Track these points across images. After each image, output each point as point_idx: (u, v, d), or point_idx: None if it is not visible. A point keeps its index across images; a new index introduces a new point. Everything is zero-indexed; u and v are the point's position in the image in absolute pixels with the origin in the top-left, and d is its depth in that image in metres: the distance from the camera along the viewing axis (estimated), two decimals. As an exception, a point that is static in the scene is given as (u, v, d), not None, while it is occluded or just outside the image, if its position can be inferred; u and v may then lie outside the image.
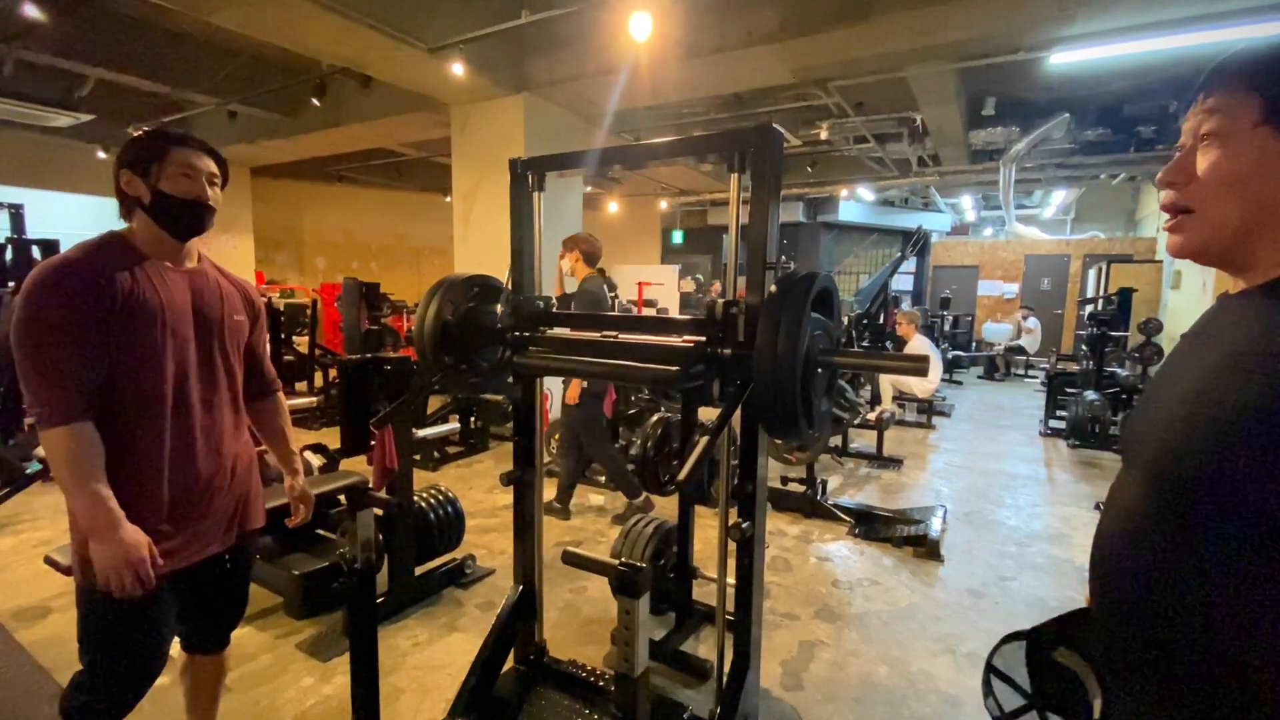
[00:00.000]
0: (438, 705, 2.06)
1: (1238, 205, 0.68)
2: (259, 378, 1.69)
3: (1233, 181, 0.68)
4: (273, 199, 10.49)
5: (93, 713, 1.37)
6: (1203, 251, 0.73)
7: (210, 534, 1.46)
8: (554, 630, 2.50)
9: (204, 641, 1.64)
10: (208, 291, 1.48)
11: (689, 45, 4.43)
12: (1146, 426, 0.74)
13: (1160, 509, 0.67)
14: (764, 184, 1.53)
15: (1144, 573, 0.69)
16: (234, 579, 1.62)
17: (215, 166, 1.46)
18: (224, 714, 2.00)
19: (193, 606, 1.56)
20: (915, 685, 2.28)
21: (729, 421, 1.43)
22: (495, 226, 5.55)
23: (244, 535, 1.57)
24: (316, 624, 2.55)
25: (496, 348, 1.90)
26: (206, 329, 1.46)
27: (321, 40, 4.46)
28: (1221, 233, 0.70)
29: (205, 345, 1.45)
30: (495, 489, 4.26)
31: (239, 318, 1.56)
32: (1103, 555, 0.77)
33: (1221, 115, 0.69)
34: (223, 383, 1.50)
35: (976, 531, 3.73)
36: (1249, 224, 0.68)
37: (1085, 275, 11.70)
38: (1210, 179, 0.69)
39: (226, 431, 1.50)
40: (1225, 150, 0.69)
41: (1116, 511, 0.76)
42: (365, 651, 1.51)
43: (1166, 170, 0.74)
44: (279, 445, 1.75)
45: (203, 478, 1.42)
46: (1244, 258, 0.71)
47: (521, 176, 1.92)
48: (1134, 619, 0.71)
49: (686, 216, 13.39)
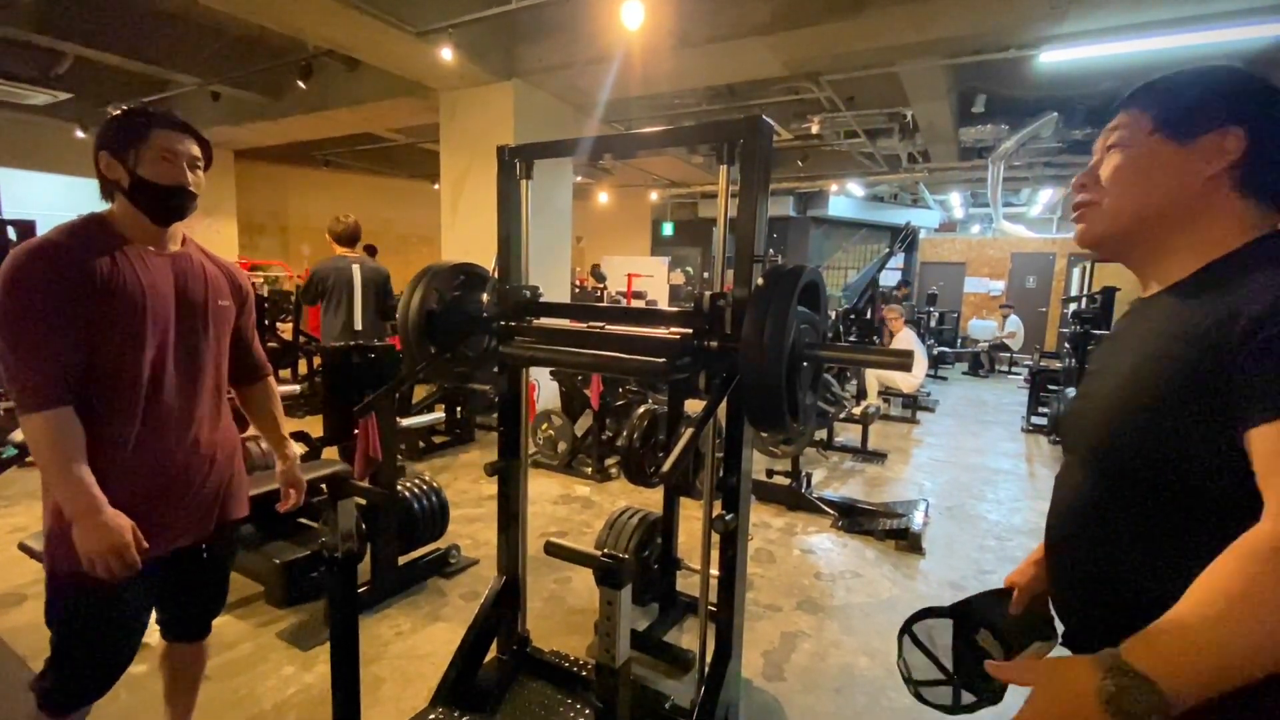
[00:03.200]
0: (420, 694, 2.06)
1: (1133, 198, 0.80)
2: (248, 362, 1.67)
3: (1129, 177, 0.80)
4: (257, 183, 10.32)
5: (65, 696, 1.35)
6: (1103, 240, 0.84)
7: (185, 523, 1.43)
8: (538, 620, 2.50)
9: (184, 630, 1.62)
10: (192, 276, 1.44)
11: (681, 34, 4.40)
12: (1083, 419, 0.84)
13: (1106, 489, 0.77)
14: (753, 176, 1.52)
15: (1099, 548, 0.77)
16: (213, 569, 1.59)
17: (197, 149, 1.42)
18: (204, 702, 1.99)
19: (172, 595, 1.55)
20: (894, 676, 2.29)
21: (714, 414, 1.43)
22: (484, 214, 5.50)
23: (224, 525, 1.54)
24: (298, 613, 2.54)
25: (482, 337, 1.88)
26: (190, 314, 1.42)
27: (307, 21, 4.38)
28: (1118, 222, 0.82)
29: (187, 331, 1.42)
30: (481, 479, 4.25)
31: (224, 303, 1.52)
32: (1058, 538, 0.86)
33: (1122, 130, 0.83)
34: (205, 369, 1.46)
35: (958, 525, 3.78)
36: (1144, 217, 0.80)
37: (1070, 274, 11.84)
38: (1111, 177, 0.82)
39: (206, 419, 1.46)
40: (1125, 154, 0.82)
41: (1064, 495, 0.85)
42: (345, 641, 1.50)
43: (1079, 176, 0.87)
44: (270, 430, 1.73)
45: (178, 465, 1.40)
46: (1145, 256, 0.83)
47: (509, 164, 1.90)
48: (1096, 593, 0.78)
49: (677, 208, 13.36)
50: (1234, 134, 0.74)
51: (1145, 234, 0.80)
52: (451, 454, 4.87)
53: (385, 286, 4.16)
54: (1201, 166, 0.76)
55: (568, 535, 3.48)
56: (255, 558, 2.67)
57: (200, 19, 5.68)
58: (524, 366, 2.01)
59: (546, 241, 5.63)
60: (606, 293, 8.81)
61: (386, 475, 2.65)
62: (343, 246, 4.06)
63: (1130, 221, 0.81)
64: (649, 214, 13.37)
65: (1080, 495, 0.82)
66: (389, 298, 4.15)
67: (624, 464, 2.64)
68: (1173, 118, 0.78)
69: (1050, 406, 6.03)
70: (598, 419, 4.41)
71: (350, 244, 4.09)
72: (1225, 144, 0.75)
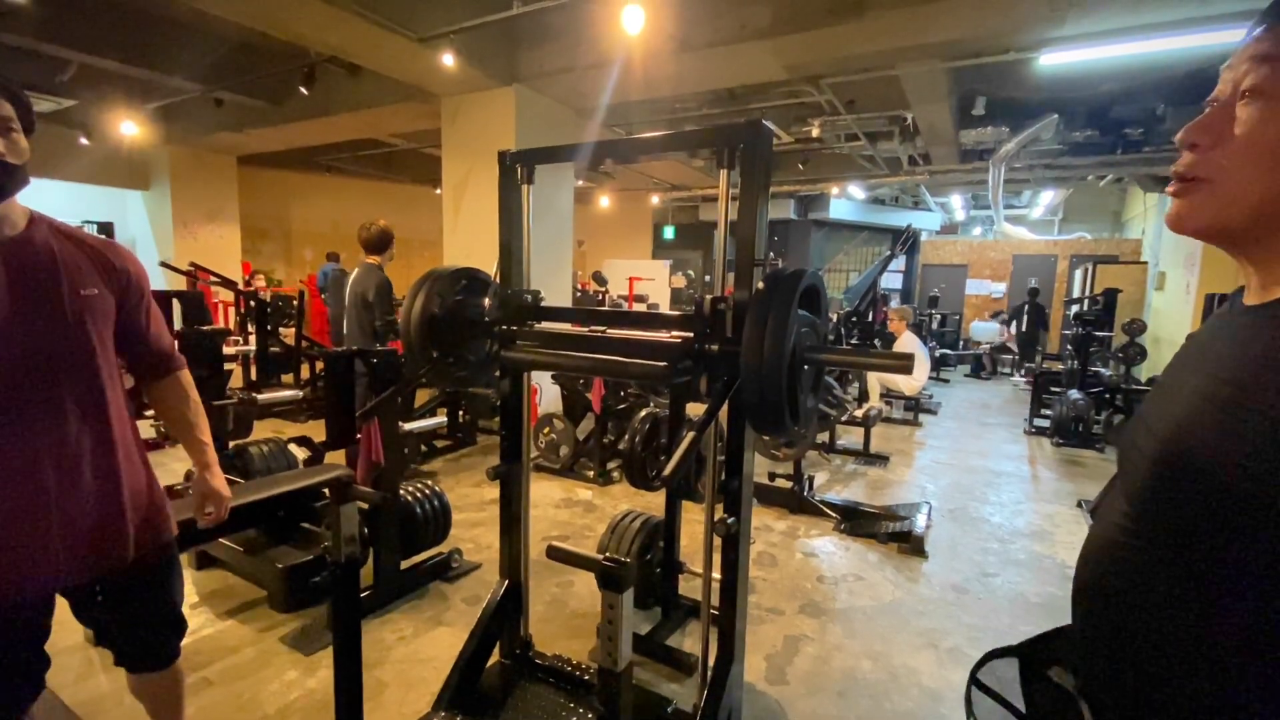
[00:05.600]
0: (422, 699, 2.06)
1: (1263, 182, 0.56)
2: (145, 356, 1.43)
3: (1265, 151, 0.55)
4: (260, 188, 10.37)
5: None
6: (1208, 229, 0.61)
7: (47, 565, 1.22)
8: (540, 624, 2.50)
9: (138, 663, 1.49)
10: (35, 265, 1.21)
11: (682, 39, 4.42)
12: (1135, 448, 0.66)
13: (1147, 534, 0.61)
14: (753, 180, 1.53)
15: (1127, 596, 0.63)
16: (141, 601, 1.42)
17: (9, 107, 1.16)
18: (208, 706, 2.00)
19: (106, 630, 1.44)
20: (898, 679, 2.30)
21: (715, 417, 1.43)
22: (485, 219, 5.52)
23: (116, 563, 1.31)
24: (300, 617, 2.54)
25: (484, 341, 1.89)
26: (34, 314, 1.19)
27: (309, 27, 4.40)
28: (1236, 211, 0.58)
29: (30, 334, 1.19)
30: (483, 483, 4.25)
31: (90, 291, 1.27)
32: (1087, 573, 0.70)
33: (1274, 66, 0.55)
34: (66, 377, 1.23)
35: (961, 528, 3.77)
36: (1269, 206, 0.56)
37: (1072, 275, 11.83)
38: (1242, 143, 0.56)
39: (71, 438, 1.23)
40: (1270, 111, 0.55)
41: (1103, 524, 0.69)
42: (348, 645, 1.51)
43: (1191, 128, 0.61)
44: (182, 433, 1.51)
45: (23, 497, 1.18)
46: (1261, 250, 0.60)
47: (510, 169, 1.91)
48: (1117, 645, 0.65)
49: (678, 212, 13.39)
50: None
51: (1263, 228, 0.58)
52: (453, 458, 4.87)
53: (377, 293, 3.89)
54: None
55: (570, 539, 3.48)
56: (257, 563, 2.67)
57: (203, 26, 5.71)
58: (525, 370, 2.01)
59: (548, 245, 5.64)
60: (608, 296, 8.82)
61: (389, 479, 2.65)
62: (369, 254, 3.97)
63: (1252, 216, 0.58)
64: (650, 217, 13.39)
65: (1119, 530, 0.66)
66: (378, 305, 3.90)
67: (626, 467, 2.64)
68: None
69: (1053, 409, 6.01)
70: (599, 423, 4.41)
71: (375, 251, 3.96)
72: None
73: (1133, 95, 6.27)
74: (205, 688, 2.09)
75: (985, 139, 6.84)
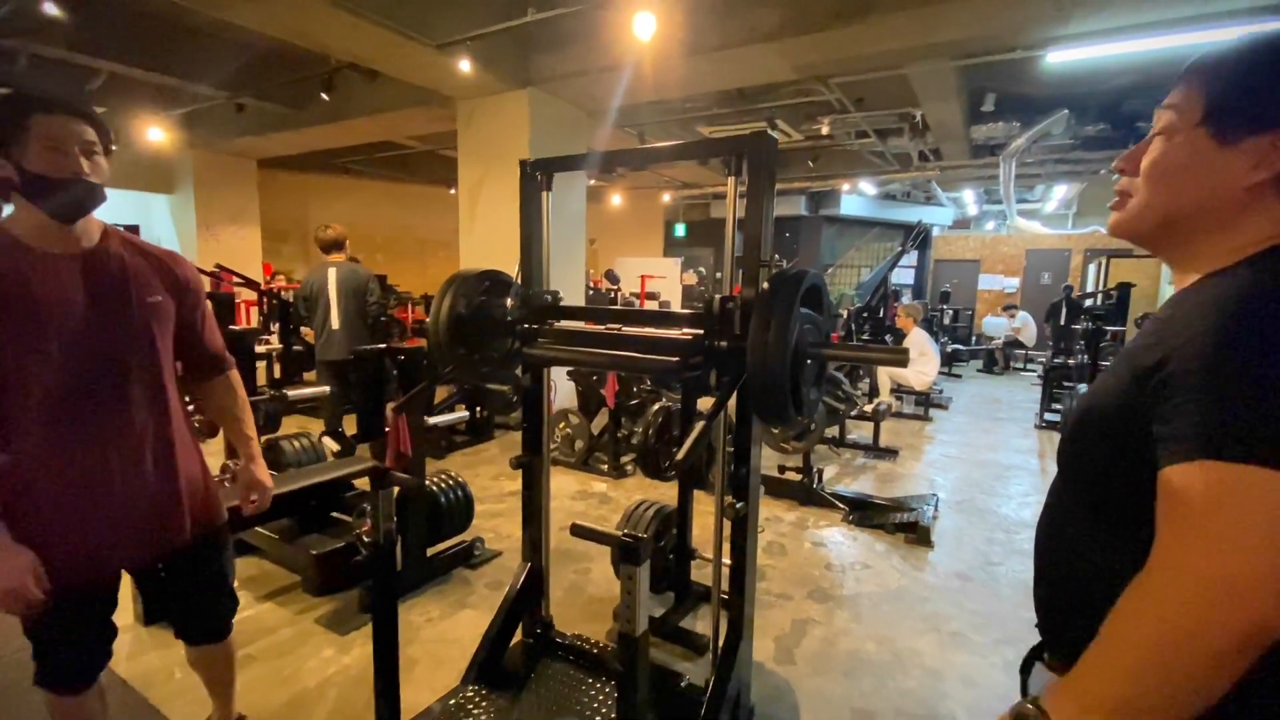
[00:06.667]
0: (451, 675, 2.19)
1: (1163, 196, 0.73)
2: (200, 358, 1.56)
3: (1161, 174, 0.73)
4: (279, 191, 10.60)
5: (45, 681, 1.41)
6: (1133, 233, 0.79)
7: (124, 544, 1.37)
8: (558, 608, 2.63)
9: (195, 636, 1.64)
10: (108, 275, 1.33)
11: (691, 43, 4.51)
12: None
13: (1066, 489, 0.80)
14: (759, 186, 1.63)
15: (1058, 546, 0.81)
16: (197, 580, 1.56)
17: (92, 132, 1.28)
18: (252, 680, 2.15)
19: (169, 605, 1.58)
20: (901, 660, 2.40)
21: (724, 407, 1.54)
22: (500, 219, 5.65)
23: (176, 544, 1.46)
24: (333, 601, 2.68)
25: (506, 339, 2.01)
26: (108, 319, 1.32)
27: (332, 37, 4.55)
28: (1148, 219, 0.75)
29: (105, 338, 1.31)
30: (501, 476, 4.39)
31: (155, 299, 1.40)
32: (1038, 532, 0.89)
33: (1174, 111, 0.73)
34: (132, 377, 1.35)
35: (968, 519, 3.85)
36: (1173, 217, 0.73)
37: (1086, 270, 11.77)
38: (1147, 170, 0.74)
39: (137, 431, 1.37)
40: (1165, 144, 0.73)
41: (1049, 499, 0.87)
42: (386, 616, 1.64)
43: (1121, 158, 0.80)
44: (230, 427, 1.64)
45: (98, 486, 1.31)
46: (1176, 250, 0.76)
47: (532, 176, 2.03)
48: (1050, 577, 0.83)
49: (689, 209, 13.46)
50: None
51: (1174, 234, 0.74)
52: (471, 453, 5.02)
53: (366, 289, 4.32)
54: (1244, 173, 0.67)
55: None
56: (292, 550, 2.82)
57: (227, 35, 5.89)
58: (546, 366, 2.13)
59: (561, 244, 5.73)
60: (620, 294, 8.93)
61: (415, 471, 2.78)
62: (326, 253, 4.34)
63: (1160, 220, 0.74)
64: (661, 215, 13.47)
65: (1054, 486, 0.85)
66: (370, 300, 4.31)
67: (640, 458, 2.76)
68: (1222, 110, 0.68)
69: (1063, 403, 6.05)
70: (613, 418, 4.53)
71: (330, 251, 4.35)
72: (1276, 149, 0.65)
73: (1144, 89, 6.27)
74: (249, 663, 2.24)
75: (996, 134, 6.86)
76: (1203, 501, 0.57)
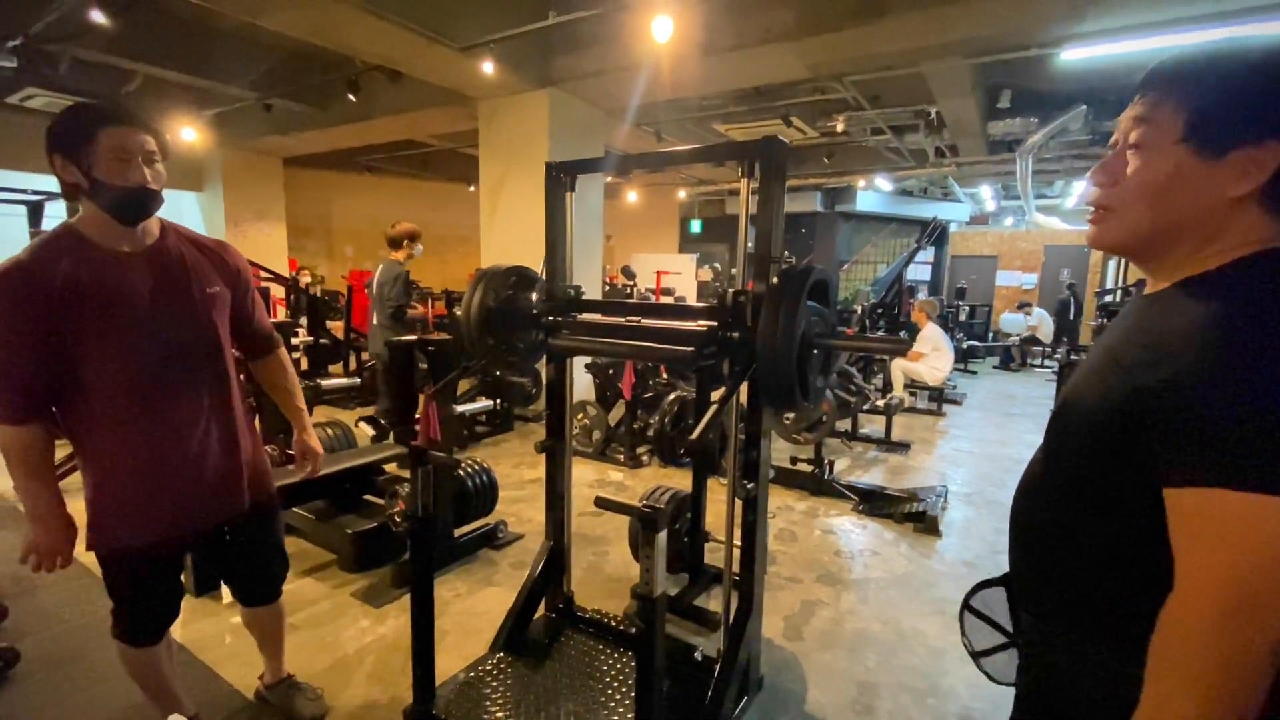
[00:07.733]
0: (479, 645, 2.34)
1: (1150, 214, 0.74)
2: (253, 338, 1.71)
3: (1148, 192, 0.74)
4: (304, 188, 10.87)
5: (122, 633, 1.57)
6: (1117, 248, 0.81)
7: (193, 510, 1.52)
8: (578, 587, 2.76)
9: (249, 597, 1.81)
10: (171, 268, 1.45)
11: (708, 43, 4.61)
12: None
13: (1050, 459, 0.86)
14: (770, 188, 1.75)
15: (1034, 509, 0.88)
16: (252, 545, 1.72)
17: (153, 142, 1.38)
18: (298, 645, 2.32)
19: (228, 569, 1.76)
20: (905, 640, 2.51)
21: (735, 393, 1.66)
22: (521, 216, 5.80)
23: (236, 511, 1.61)
24: (368, 577, 2.85)
25: (532, 331, 2.15)
26: (174, 310, 1.43)
27: (359, 40, 4.72)
28: (1134, 235, 0.77)
29: (172, 326, 1.43)
30: (521, 464, 4.54)
31: (214, 289, 1.51)
32: (1016, 493, 0.96)
33: (1148, 126, 0.73)
34: (199, 363, 1.48)
35: (976, 510, 3.93)
36: (1159, 231, 0.75)
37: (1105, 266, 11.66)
38: (1131, 186, 0.75)
39: (204, 412, 1.50)
40: (1145, 160, 0.73)
41: (1031, 464, 0.93)
42: (423, 583, 1.78)
43: (1096, 170, 0.80)
44: (284, 400, 1.80)
45: (172, 461, 1.45)
46: (1155, 259, 0.79)
47: (556, 178, 2.16)
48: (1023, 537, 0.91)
49: (704, 206, 13.53)
50: (1272, 148, 0.66)
51: (1155, 246, 0.77)
52: (492, 442, 5.18)
53: (394, 284, 4.40)
54: (1230, 187, 0.68)
55: (603, 516, 3.74)
56: (328, 529, 3.00)
57: (257, 37, 6.10)
58: (570, 357, 2.27)
59: (579, 241, 5.86)
60: (636, 290, 9.06)
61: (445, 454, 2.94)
62: (392, 251, 4.49)
63: (1147, 238, 0.76)
64: (677, 211, 13.57)
65: (1037, 460, 0.90)
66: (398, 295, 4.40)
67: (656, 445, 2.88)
68: (1204, 127, 0.69)
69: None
70: (630, 409, 4.67)
71: (393, 247, 4.49)
72: (1261, 160, 0.66)
73: (1163, 85, 6.24)
74: (292, 631, 2.41)
75: (1013, 130, 6.85)
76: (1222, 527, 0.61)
